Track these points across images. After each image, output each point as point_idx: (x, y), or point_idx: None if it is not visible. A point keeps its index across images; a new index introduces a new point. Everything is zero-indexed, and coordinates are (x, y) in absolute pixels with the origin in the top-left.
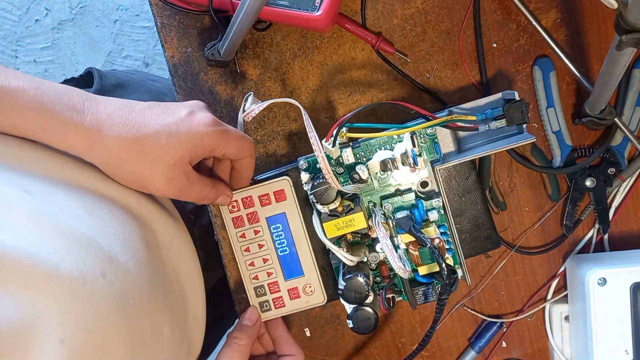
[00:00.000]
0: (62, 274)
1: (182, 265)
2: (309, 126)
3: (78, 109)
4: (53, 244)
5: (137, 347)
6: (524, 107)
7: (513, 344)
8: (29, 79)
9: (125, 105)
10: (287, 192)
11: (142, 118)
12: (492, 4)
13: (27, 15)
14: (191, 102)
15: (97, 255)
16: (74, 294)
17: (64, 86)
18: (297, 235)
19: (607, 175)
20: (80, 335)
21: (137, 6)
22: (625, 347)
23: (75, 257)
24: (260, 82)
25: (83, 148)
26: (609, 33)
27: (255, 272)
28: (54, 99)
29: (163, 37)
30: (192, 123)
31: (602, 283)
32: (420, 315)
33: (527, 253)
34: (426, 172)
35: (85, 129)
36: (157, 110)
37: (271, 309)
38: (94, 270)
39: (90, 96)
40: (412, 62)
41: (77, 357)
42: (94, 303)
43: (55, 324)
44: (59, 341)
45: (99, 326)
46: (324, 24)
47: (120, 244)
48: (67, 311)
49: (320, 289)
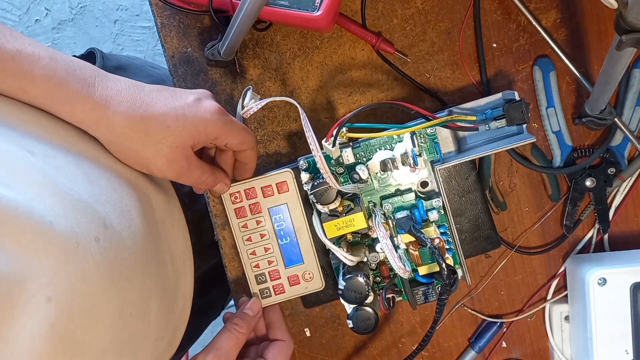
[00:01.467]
0: (56, 232)
1: (175, 244)
2: (307, 125)
3: (89, 82)
4: (50, 203)
5: (124, 318)
6: (524, 107)
7: (513, 344)
8: (44, 47)
9: (134, 85)
10: (290, 183)
11: (151, 98)
12: (492, 4)
13: (27, 15)
14: (199, 90)
15: (93, 220)
16: (65, 255)
17: (78, 60)
18: (298, 225)
19: (607, 175)
20: (68, 296)
21: (137, 6)
22: (625, 347)
23: (70, 219)
24: (260, 82)
25: (90, 122)
26: (609, 33)
27: (256, 260)
28: (67, 69)
29: (163, 37)
30: (198, 109)
31: (602, 283)
32: (420, 315)
33: (527, 253)
34: (426, 172)
35: (93, 103)
36: (166, 93)
37: (271, 296)
38: (88, 233)
39: (101, 72)
40: (412, 62)
41: (62, 317)
42: (85, 266)
43: (44, 281)
44: (46, 299)
45: (88, 290)
46: (324, 24)
47: (117, 214)
48: (57, 270)
49: (319, 275)
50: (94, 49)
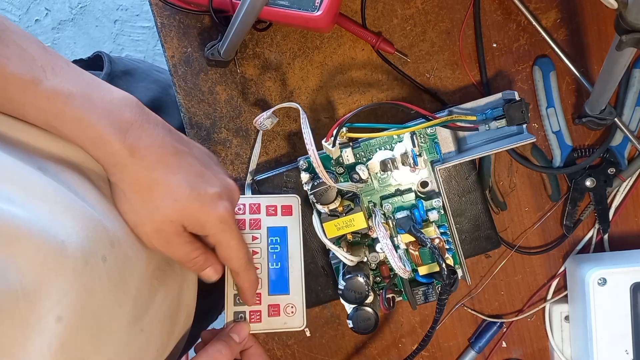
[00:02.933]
0: (67, 252)
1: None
2: (305, 125)
3: (123, 128)
4: (62, 221)
5: (133, 334)
6: (524, 107)
7: (513, 344)
8: (82, 82)
9: (169, 143)
10: (295, 208)
11: (177, 164)
12: (492, 4)
13: (27, 15)
14: (230, 183)
15: (102, 238)
16: (74, 274)
17: (119, 98)
18: (293, 252)
19: (607, 175)
20: (76, 315)
21: (137, 6)
22: (625, 347)
23: (81, 237)
24: (260, 82)
25: (106, 163)
26: (609, 33)
27: None
28: (102, 112)
29: (163, 37)
30: (210, 206)
31: (602, 283)
32: (420, 315)
33: (527, 253)
34: (426, 172)
35: (118, 149)
36: (196, 169)
37: (245, 321)
38: (96, 252)
39: (140, 118)
40: (412, 62)
41: (72, 336)
42: (92, 285)
43: (55, 301)
44: (57, 318)
45: (94, 308)
46: (324, 24)
47: (124, 230)
48: (67, 290)
49: (302, 313)
50: (101, 53)
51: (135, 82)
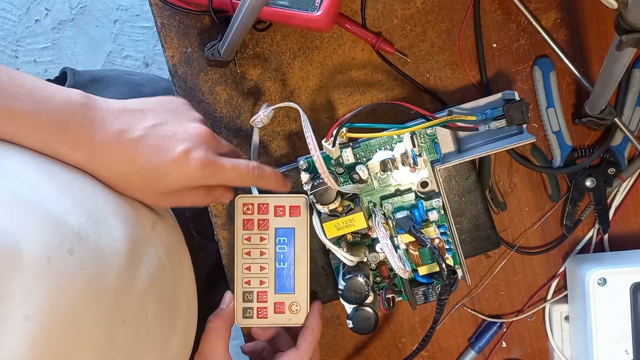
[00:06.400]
0: (23, 251)
1: (169, 241)
2: (306, 126)
3: (71, 143)
4: (16, 221)
5: (115, 325)
6: (524, 107)
7: (513, 344)
8: (26, 99)
9: (117, 135)
10: (302, 209)
11: (134, 152)
12: (492, 4)
13: (27, 15)
14: (192, 132)
15: (65, 232)
16: (36, 272)
17: (62, 111)
18: (299, 254)
19: (607, 175)
20: (47, 311)
21: (137, 6)
22: (625, 347)
23: (40, 234)
24: (260, 82)
25: (76, 166)
26: (609, 33)
27: (249, 277)
28: (50, 128)
29: (163, 37)
30: (183, 165)
31: (602, 283)
32: (420, 315)
33: (527, 253)
34: (426, 172)
35: (77, 161)
36: (152, 143)
37: (253, 317)
38: (60, 246)
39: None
40: (412, 62)
41: (44, 333)
42: (61, 280)
43: (18, 301)
44: (24, 318)
45: (68, 303)
46: (324, 24)
47: (93, 223)
48: (30, 289)
49: (306, 311)
50: (66, 69)
51: (104, 88)
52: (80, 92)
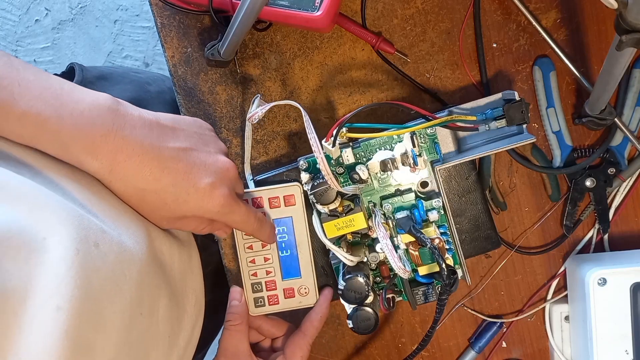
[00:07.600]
0: (53, 245)
1: (178, 235)
2: (309, 127)
3: (96, 147)
4: (42, 218)
5: (134, 317)
6: (524, 107)
7: (513, 344)
8: (52, 101)
9: (146, 151)
10: (297, 197)
11: (160, 171)
12: (492, 4)
13: (27, 15)
14: (221, 166)
15: (90, 226)
16: (67, 263)
17: (89, 112)
18: (300, 239)
19: (607, 175)
20: (76, 302)
21: (137, 6)
22: (625, 347)
23: (67, 228)
24: (260, 82)
25: (93, 175)
26: (609, 33)
27: (255, 269)
28: (73, 130)
29: (163, 37)
30: (205, 197)
31: (602, 283)
32: (420, 315)
33: (527, 253)
34: (426, 172)
35: (96, 169)
36: (181, 167)
37: (265, 305)
38: (87, 239)
39: (114, 127)
40: (412, 62)
41: (74, 324)
42: (88, 272)
43: (50, 292)
44: (56, 308)
45: (94, 294)
46: (324, 24)
47: (114, 218)
48: (62, 279)
49: (315, 291)
50: (74, 64)
51: (111, 85)
52: (109, 96)
